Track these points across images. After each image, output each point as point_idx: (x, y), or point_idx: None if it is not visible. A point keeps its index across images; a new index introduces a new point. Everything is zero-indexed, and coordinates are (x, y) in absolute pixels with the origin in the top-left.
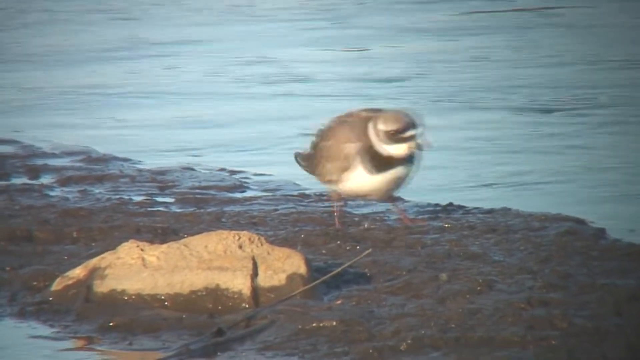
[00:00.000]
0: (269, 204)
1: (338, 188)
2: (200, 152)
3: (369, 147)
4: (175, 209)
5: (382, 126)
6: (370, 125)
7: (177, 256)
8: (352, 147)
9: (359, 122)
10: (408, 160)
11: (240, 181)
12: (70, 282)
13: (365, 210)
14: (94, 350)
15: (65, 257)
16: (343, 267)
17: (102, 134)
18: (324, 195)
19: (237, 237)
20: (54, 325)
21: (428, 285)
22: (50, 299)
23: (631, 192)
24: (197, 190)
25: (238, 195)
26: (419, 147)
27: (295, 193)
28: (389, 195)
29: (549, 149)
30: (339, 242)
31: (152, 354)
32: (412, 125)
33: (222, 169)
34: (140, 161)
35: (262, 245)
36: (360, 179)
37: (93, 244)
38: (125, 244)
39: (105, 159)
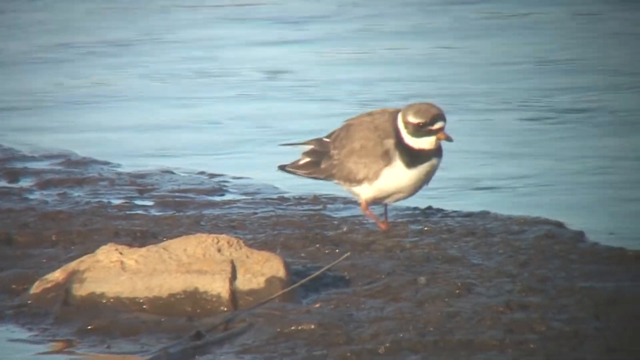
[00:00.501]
0: (248, 207)
1: (370, 187)
2: (180, 156)
3: (401, 141)
4: (154, 212)
5: (411, 118)
6: (400, 118)
7: (156, 259)
8: (390, 143)
9: (388, 116)
10: (438, 153)
11: (219, 184)
12: (49, 285)
13: (344, 214)
14: (72, 354)
15: (44, 261)
16: (322, 270)
17: (81, 137)
18: (303, 199)
19: (216, 241)
20: (33, 329)
21: (407, 289)
22: (29, 302)
23: (609, 195)
24: (176, 194)
25: (217, 198)
26: (448, 139)
27: (275, 196)
28: (417, 191)
29: (527, 152)
30: (318, 245)
31: (130, 357)
32: (440, 117)
33: (201, 173)
34: (119, 164)
35: (241, 248)
36: (398, 175)
37: (72, 247)
38: (104, 247)
39: (85, 162)
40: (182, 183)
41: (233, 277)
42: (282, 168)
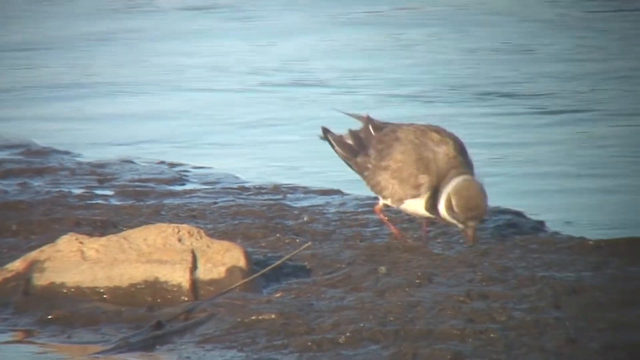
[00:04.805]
0: (209, 197)
1: (389, 204)
2: (140, 145)
3: (435, 189)
4: (114, 201)
5: (456, 208)
6: (448, 190)
7: (117, 249)
8: (425, 179)
9: (433, 145)
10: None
11: (180, 174)
12: (9, 275)
13: (304, 204)
14: (32, 343)
15: (5, 250)
16: (282, 260)
17: (41, 127)
18: (263, 188)
19: (176, 230)
20: None
21: (367, 278)
22: None
23: (569, 184)
24: (137, 183)
25: (177, 188)
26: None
27: (235, 186)
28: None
29: (487, 141)
30: (278, 235)
31: (91, 347)
32: (476, 216)
33: (162, 162)
34: (79, 154)
35: (201, 238)
36: (416, 207)
37: (32, 237)
38: (64, 236)
39: (45, 152)
40: (142, 172)
41: (194, 266)
42: (326, 132)
